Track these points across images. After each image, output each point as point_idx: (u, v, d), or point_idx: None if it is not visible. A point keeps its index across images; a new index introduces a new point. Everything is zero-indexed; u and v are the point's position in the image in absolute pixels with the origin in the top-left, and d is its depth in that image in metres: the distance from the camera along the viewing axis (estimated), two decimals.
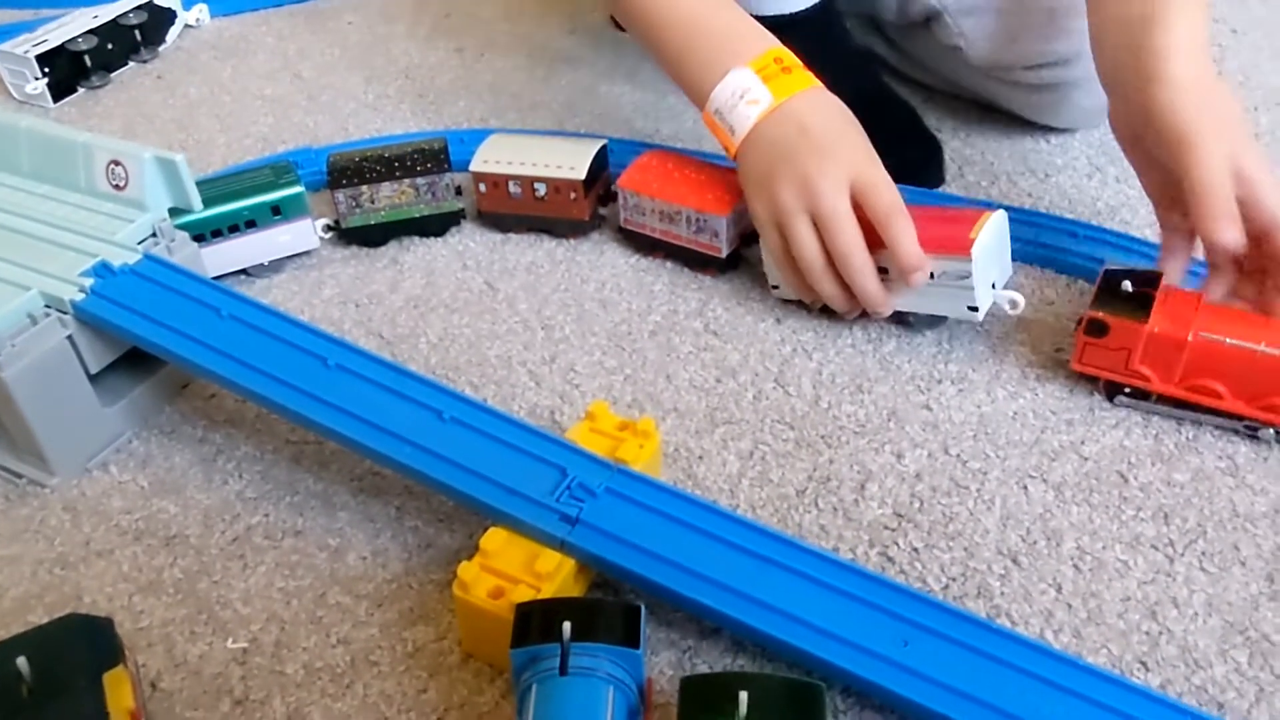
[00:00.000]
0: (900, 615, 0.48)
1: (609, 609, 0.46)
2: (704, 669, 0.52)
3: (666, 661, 0.52)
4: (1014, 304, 0.67)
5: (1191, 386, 0.61)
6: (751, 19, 0.73)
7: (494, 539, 0.51)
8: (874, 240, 0.66)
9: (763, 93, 0.69)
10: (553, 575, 0.50)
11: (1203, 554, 0.56)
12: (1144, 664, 0.51)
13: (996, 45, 0.84)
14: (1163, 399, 0.63)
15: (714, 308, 0.74)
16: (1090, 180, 0.86)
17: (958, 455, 0.62)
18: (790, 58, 0.71)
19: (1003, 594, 0.55)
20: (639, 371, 0.69)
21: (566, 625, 0.44)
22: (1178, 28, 0.61)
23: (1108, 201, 0.83)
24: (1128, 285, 0.62)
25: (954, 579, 0.55)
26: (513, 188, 0.79)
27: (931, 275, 0.65)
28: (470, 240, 0.82)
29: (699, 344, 0.71)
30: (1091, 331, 0.62)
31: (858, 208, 0.66)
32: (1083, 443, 0.63)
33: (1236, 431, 0.62)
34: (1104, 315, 0.61)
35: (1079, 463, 0.62)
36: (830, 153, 0.67)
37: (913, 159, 0.86)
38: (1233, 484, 0.60)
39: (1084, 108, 0.87)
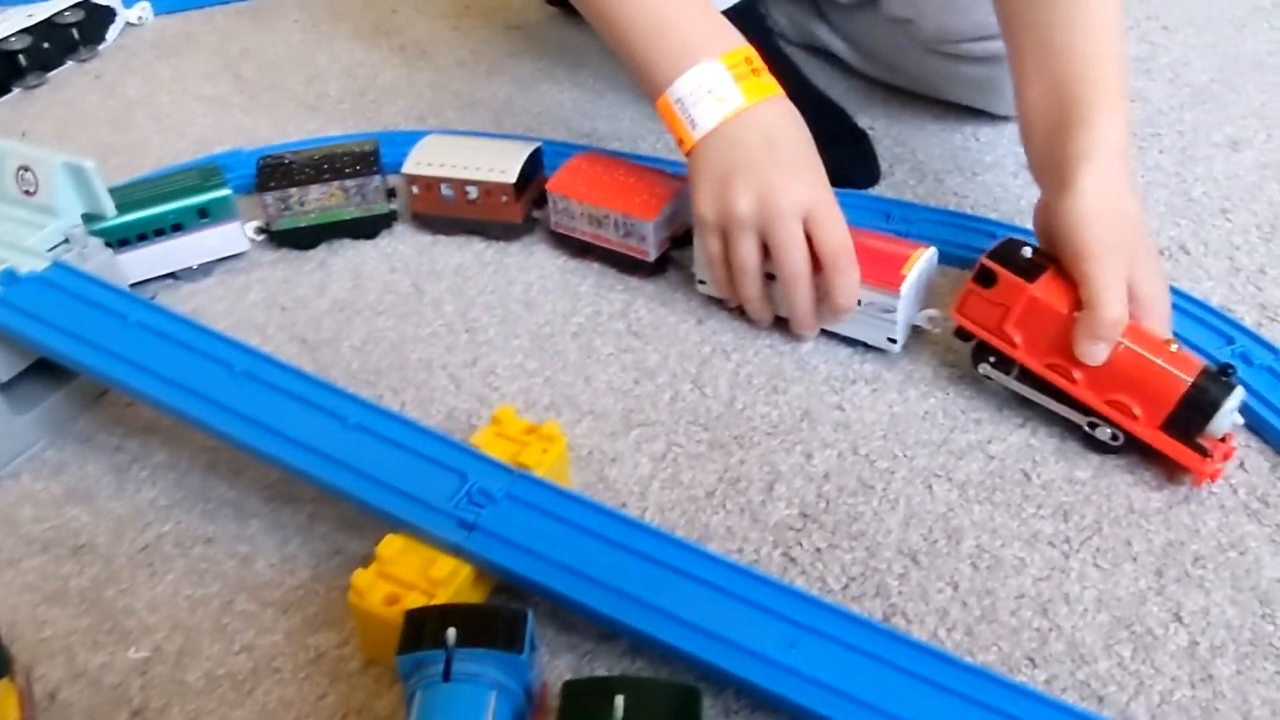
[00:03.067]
0: (788, 618, 0.49)
1: (496, 615, 0.47)
2: (601, 672, 0.52)
3: (565, 665, 0.53)
4: (933, 320, 0.68)
5: (1051, 365, 0.62)
6: (722, 14, 0.71)
7: (390, 546, 0.51)
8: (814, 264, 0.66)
9: (732, 91, 0.67)
10: (448, 581, 0.50)
11: (1097, 550, 0.57)
12: (1032, 660, 0.52)
13: (949, 15, 0.85)
14: (1021, 376, 0.63)
15: (637, 309, 0.75)
16: (1016, 179, 0.87)
17: (866, 455, 0.63)
18: (759, 60, 0.70)
19: (900, 593, 0.55)
20: (559, 374, 0.70)
21: (451, 631, 0.45)
22: (1095, 129, 0.62)
23: (1031, 200, 0.83)
24: (1027, 251, 0.62)
25: (854, 579, 0.56)
26: (445, 190, 0.79)
27: (859, 301, 0.66)
28: (400, 243, 0.82)
29: (620, 345, 0.72)
30: (980, 279, 0.63)
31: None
32: (989, 441, 0.64)
33: (1077, 427, 0.62)
34: (996, 266, 0.62)
35: (984, 461, 0.62)
36: (793, 173, 0.67)
37: (846, 158, 0.86)
38: (1130, 480, 0.61)
39: None
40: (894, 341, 0.67)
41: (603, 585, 0.50)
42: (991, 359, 0.64)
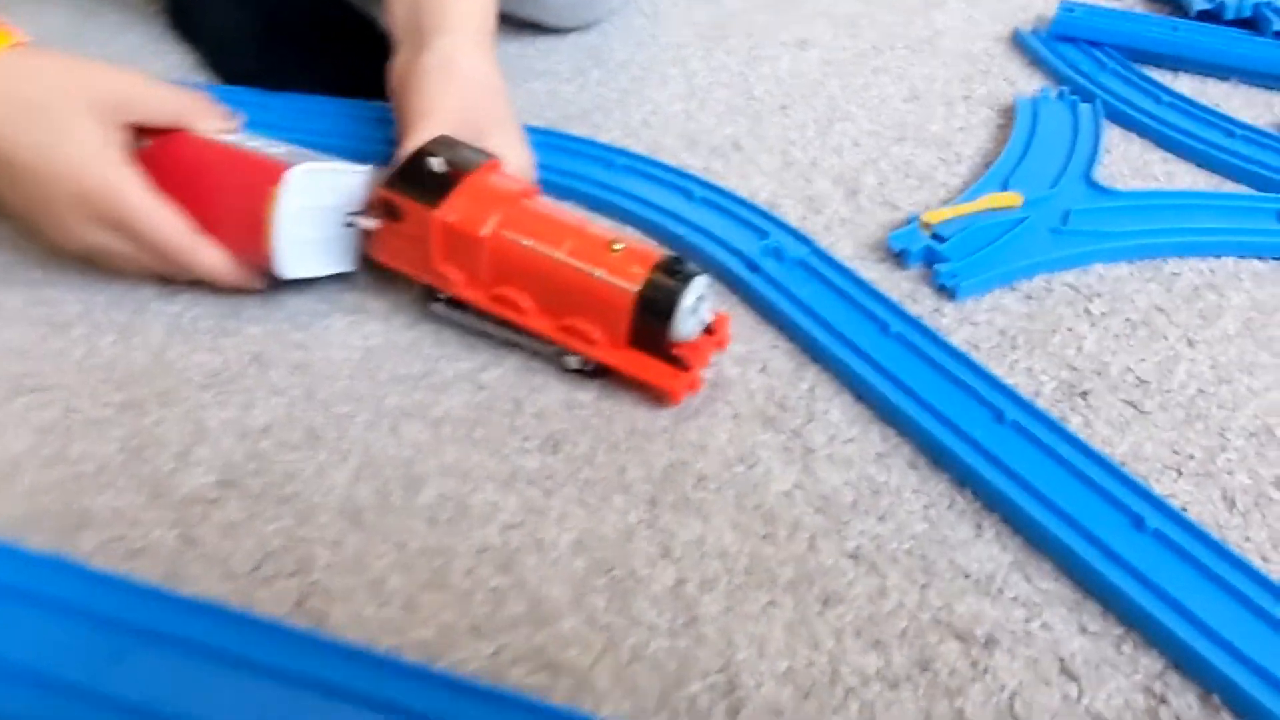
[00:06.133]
0: (114, 619, 0.35)
1: None
2: None
3: None
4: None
5: (496, 296, 0.51)
6: None
7: None
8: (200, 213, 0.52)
9: None
10: None
11: (585, 483, 0.47)
12: (479, 630, 0.41)
13: None
14: (482, 313, 0.52)
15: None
16: (570, 84, 0.77)
17: (323, 400, 0.50)
18: None
19: (328, 566, 0.43)
20: None
21: None
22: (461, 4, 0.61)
23: (582, 105, 0.75)
24: (439, 163, 0.51)
25: (270, 554, 0.43)
26: None
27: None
28: None
29: (34, 297, 0.56)
30: (384, 213, 0.51)
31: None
32: (483, 369, 0.52)
33: (548, 359, 0.52)
34: (396, 196, 0.51)
35: (473, 392, 0.51)
36: (45, 199, 0.50)
37: (362, 70, 0.74)
38: (638, 397, 0.51)
39: None
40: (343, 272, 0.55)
41: None
42: (442, 297, 0.53)
